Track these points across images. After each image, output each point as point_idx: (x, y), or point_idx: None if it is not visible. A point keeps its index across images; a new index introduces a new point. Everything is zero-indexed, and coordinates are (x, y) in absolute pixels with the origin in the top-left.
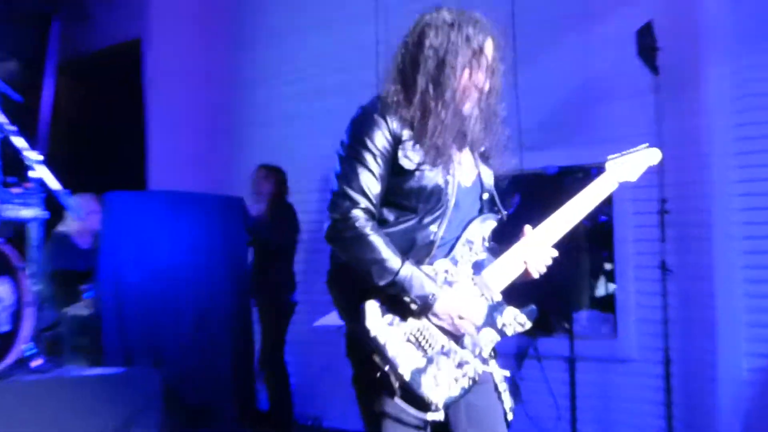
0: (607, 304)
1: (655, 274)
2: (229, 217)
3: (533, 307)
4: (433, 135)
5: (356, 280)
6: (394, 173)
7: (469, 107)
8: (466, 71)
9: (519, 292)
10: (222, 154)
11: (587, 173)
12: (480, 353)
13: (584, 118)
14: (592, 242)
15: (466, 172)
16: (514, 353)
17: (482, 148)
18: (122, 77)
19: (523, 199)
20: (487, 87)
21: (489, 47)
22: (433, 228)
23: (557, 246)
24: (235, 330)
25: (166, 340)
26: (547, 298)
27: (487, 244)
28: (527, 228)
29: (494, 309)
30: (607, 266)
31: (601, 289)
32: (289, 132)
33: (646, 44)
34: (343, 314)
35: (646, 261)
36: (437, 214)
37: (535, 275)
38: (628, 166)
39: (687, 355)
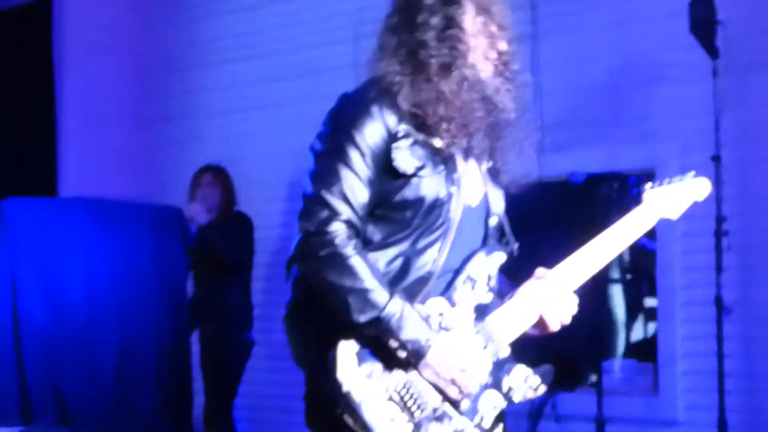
0: (647, 351)
1: (710, 312)
2: (162, 232)
3: (549, 366)
4: (442, 130)
5: (326, 317)
6: (386, 179)
7: (488, 74)
8: (479, 19)
9: (533, 343)
10: (154, 152)
11: (624, 182)
12: (480, 423)
13: (621, 111)
14: (628, 272)
15: (472, 188)
16: (527, 411)
17: (491, 162)
18: (25, 49)
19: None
20: (505, 47)
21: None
22: (431, 254)
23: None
24: (169, 376)
25: (78, 390)
26: (570, 343)
27: (492, 283)
28: (541, 271)
29: (500, 367)
30: (648, 303)
31: (639, 331)
32: (241, 125)
33: (702, 17)
34: (304, 364)
35: (698, 296)
36: (436, 235)
37: (555, 327)
38: (671, 199)
39: (749, 418)
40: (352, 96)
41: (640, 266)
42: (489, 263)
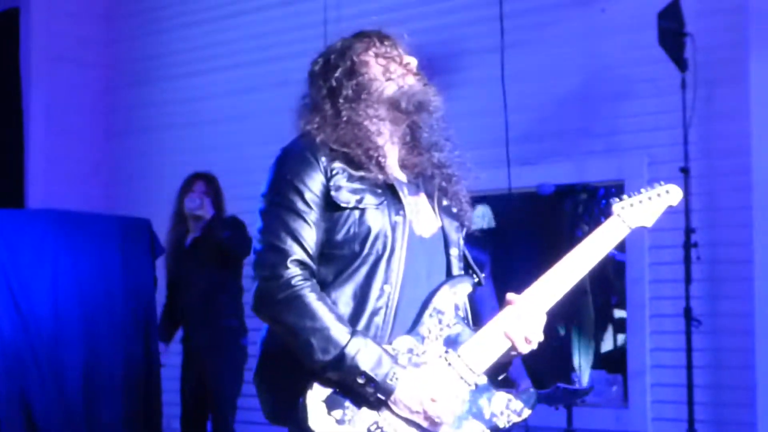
0: (616, 362)
1: (678, 324)
2: (130, 244)
3: (531, 390)
4: (367, 157)
5: (295, 369)
6: (328, 215)
7: (411, 81)
8: (373, 50)
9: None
10: (122, 163)
11: (593, 194)
12: None
13: (589, 123)
14: (597, 283)
15: (423, 219)
16: None
17: (444, 199)
18: None
19: (511, 226)
20: (414, 63)
21: (389, 39)
22: (387, 288)
23: None
24: (137, 388)
25: (45, 402)
26: (539, 355)
27: (461, 313)
28: (510, 296)
29: (479, 395)
30: (617, 314)
31: (608, 343)
32: (210, 137)
33: (671, 29)
34: (275, 416)
35: (667, 308)
36: (386, 265)
37: (524, 350)
38: (642, 208)
39: (718, 430)
40: (287, 149)
41: (608, 278)
42: (455, 294)
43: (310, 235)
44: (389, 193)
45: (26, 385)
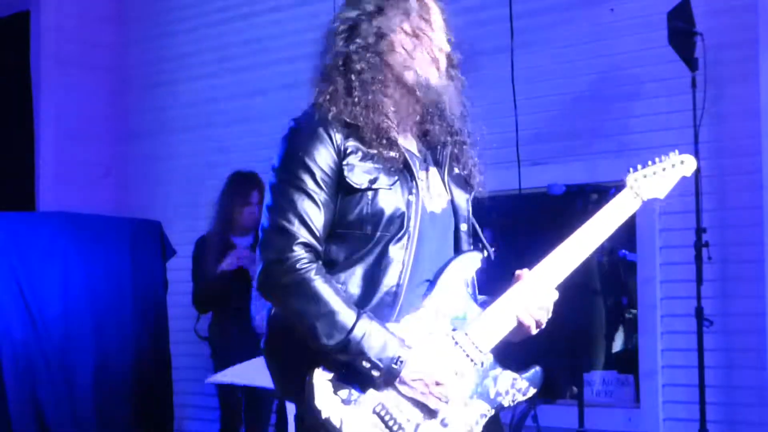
0: (628, 362)
1: (690, 324)
2: (141, 246)
3: (537, 369)
4: (383, 134)
5: (301, 346)
6: (341, 196)
7: (432, 76)
8: (406, 26)
9: (513, 348)
10: (132, 166)
11: (603, 194)
12: None
13: (600, 123)
14: (608, 284)
15: (434, 196)
16: (508, 423)
17: (456, 167)
18: (2, 64)
19: (521, 225)
20: (446, 48)
21: (429, 11)
22: (396, 267)
23: (562, 287)
24: (148, 390)
25: (57, 404)
26: (551, 355)
27: (470, 290)
28: (522, 272)
29: (485, 375)
30: (628, 314)
31: (620, 343)
32: (220, 139)
33: (681, 28)
34: (284, 391)
35: (678, 308)
36: (399, 246)
37: (533, 330)
38: (655, 180)
39: (730, 430)
40: (299, 121)
41: (620, 278)
42: (464, 270)
43: (318, 217)
44: (403, 170)
45: (37, 387)
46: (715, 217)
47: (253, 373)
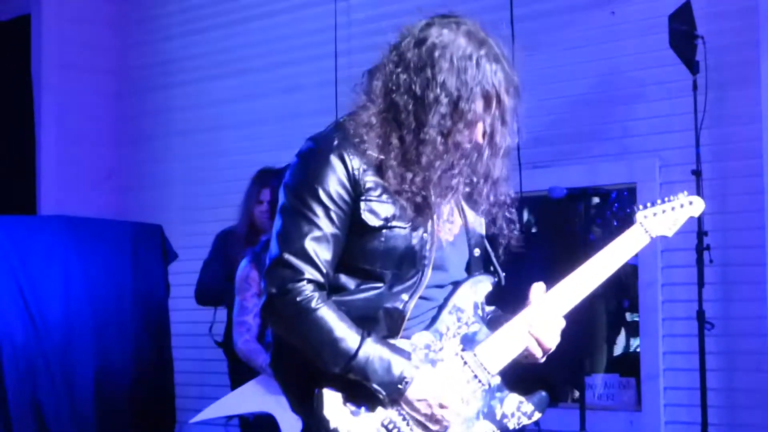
0: (629, 366)
1: (691, 327)
2: (142, 250)
3: (543, 393)
4: (417, 189)
5: (307, 364)
6: (355, 231)
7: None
8: (481, 124)
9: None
10: (133, 170)
11: (605, 198)
12: None
13: (601, 126)
14: (610, 287)
15: (447, 225)
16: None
17: (474, 195)
18: (3, 67)
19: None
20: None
21: (504, 87)
22: (403, 297)
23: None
24: (149, 393)
25: (57, 407)
26: (552, 359)
27: (480, 312)
28: (536, 287)
29: (491, 395)
30: (629, 317)
31: (621, 346)
32: (226, 141)
33: (682, 31)
34: (294, 402)
35: (680, 311)
36: (410, 283)
37: (539, 355)
38: (665, 218)
39: None
40: (318, 142)
41: (621, 281)
42: (475, 292)
43: (326, 253)
44: (420, 208)
45: (38, 390)
46: (716, 221)
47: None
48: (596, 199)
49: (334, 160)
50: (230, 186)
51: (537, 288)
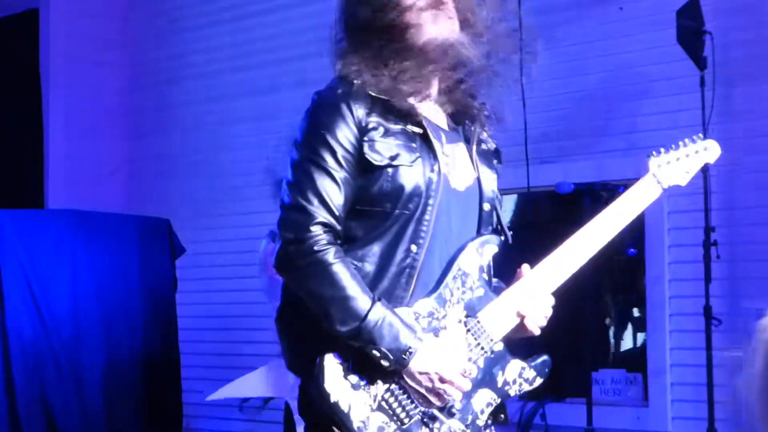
0: (636, 361)
1: (698, 323)
2: (150, 244)
3: (545, 357)
4: (403, 92)
5: (312, 322)
6: (362, 173)
7: (450, 32)
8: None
9: (521, 345)
10: (142, 164)
11: (612, 192)
12: (474, 422)
13: (608, 122)
14: (616, 282)
15: (459, 171)
16: (515, 421)
17: (483, 144)
18: (12, 61)
19: (530, 223)
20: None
21: None
22: (412, 247)
23: (568, 285)
24: (158, 389)
25: (66, 403)
26: (559, 353)
27: (486, 276)
28: (525, 268)
29: (494, 363)
30: (636, 313)
31: (628, 341)
32: (230, 137)
33: (689, 27)
34: (294, 366)
35: (687, 307)
36: (420, 224)
37: (536, 331)
38: (678, 166)
39: (738, 429)
40: (323, 95)
41: (628, 277)
42: (481, 256)
43: (338, 196)
44: (425, 146)
45: (46, 385)
46: (723, 216)
47: (253, 384)
48: (604, 194)
49: (339, 106)
50: (239, 180)
51: (525, 267)
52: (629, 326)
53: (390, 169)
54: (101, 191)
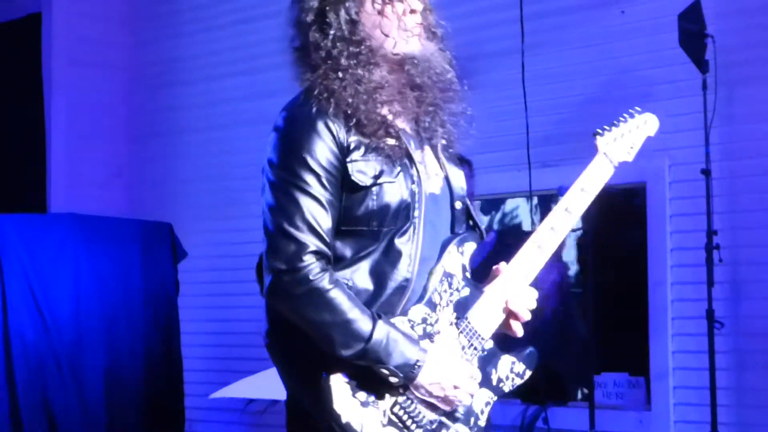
0: (638, 364)
1: (701, 327)
2: (152, 248)
3: (531, 349)
4: (378, 110)
5: (308, 343)
6: (346, 194)
7: (414, 44)
8: (369, 3)
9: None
10: (144, 167)
11: (614, 197)
12: (477, 422)
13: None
14: (619, 286)
15: (431, 176)
16: (518, 425)
17: (443, 141)
18: (14, 64)
19: (531, 228)
20: (420, 6)
21: None
22: (404, 260)
23: (572, 289)
24: (160, 392)
25: (67, 406)
26: (562, 357)
27: (468, 274)
28: (501, 265)
29: (487, 361)
30: (639, 317)
31: (631, 345)
32: (237, 139)
33: (691, 30)
34: (294, 388)
35: (689, 310)
36: (406, 237)
37: (519, 330)
38: (624, 142)
39: None
40: (296, 113)
41: (630, 280)
42: (462, 255)
43: (326, 220)
44: (404, 159)
45: (48, 389)
46: (726, 220)
47: (258, 386)
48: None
49: (318, 126)
50: (241, 184)
51: (503, 265)
52: (631, 330)
53: (375, 188)
54: (103, 195)
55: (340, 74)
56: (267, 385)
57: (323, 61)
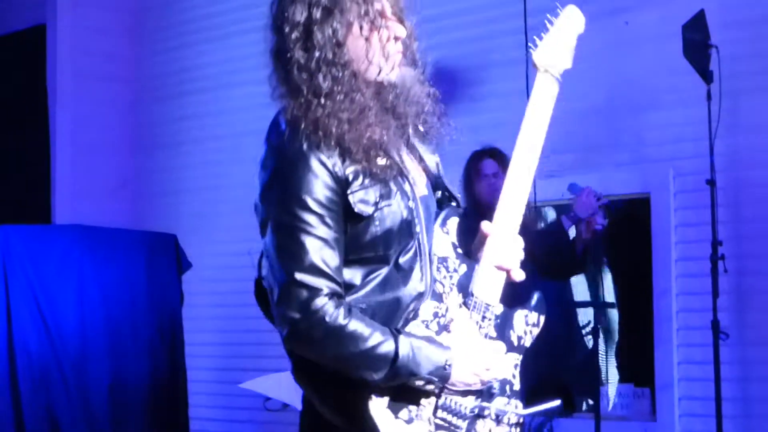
0: (644, 375)
1: (706, 337)
2: (156, 259)
3: (537, 294)
4: (369, 134)
5: (340, 380)
6: (350, 225)
7: (395, 72)
8: (359, 26)
9: (531, 364)
10: (151, 178)
11: (617, 204)
12: (512, 388)
13: (615, 136)
14: (624, 296)
15: (418, 179)
16: None
17: (411, 129)
18: (19, 76)
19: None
20: (404, 33)
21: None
22: (416, 274)
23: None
24: (164, 403)
25: (72, 417)
26: (568, 368)
27: (460, 250)
28: (485, 224)
29: (503, 326)
30: (644, 327)
31: (636, 356)
32: (241, 149)
33: (696, 41)
34: (334, 415)
35: (694, 321)
36: (412, 252)
37: (520, 277)
38: (558, 49)
39: None
40: (285, 149)
41: (635, 291)
42: (448, 233)
43: (334, 259)
44: (397, 177)
45: (53, 399)
46: (731, 230)
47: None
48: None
49: (312, 163)
50: (245, 195)
51: (485, 224)
52: (637, 341)
53: (377, 213)
54: (108, 206)
55: (323, 100)
56: (282, 386)
57: (304, 83)
